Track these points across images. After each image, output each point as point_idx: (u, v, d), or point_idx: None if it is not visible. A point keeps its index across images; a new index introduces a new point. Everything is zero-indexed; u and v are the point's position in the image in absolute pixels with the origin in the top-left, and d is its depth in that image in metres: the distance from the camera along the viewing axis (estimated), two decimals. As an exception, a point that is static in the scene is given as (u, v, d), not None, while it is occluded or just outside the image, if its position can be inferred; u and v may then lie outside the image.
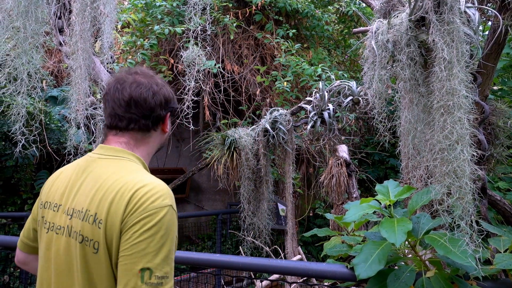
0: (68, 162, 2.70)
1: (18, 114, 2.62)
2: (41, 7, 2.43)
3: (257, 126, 3.32)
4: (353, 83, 3.04)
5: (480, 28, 1.71)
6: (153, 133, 1.15)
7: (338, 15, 6.35)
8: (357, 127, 5.41)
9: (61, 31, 3.00)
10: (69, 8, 2.89)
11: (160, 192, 0.98)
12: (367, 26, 1.94)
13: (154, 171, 6.45)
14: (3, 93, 2.63)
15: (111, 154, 1.09)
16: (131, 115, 1.10)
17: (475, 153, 1.49)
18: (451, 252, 1.36)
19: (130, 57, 4.79)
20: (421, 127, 1.71)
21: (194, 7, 2.76)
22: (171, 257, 0.95)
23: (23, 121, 2.63)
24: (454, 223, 1.45)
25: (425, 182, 1.83)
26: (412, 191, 1.69)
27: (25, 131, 2.63)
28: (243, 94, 5.31)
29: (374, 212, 1.65)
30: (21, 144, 2.62)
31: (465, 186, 1.44)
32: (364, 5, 6.22)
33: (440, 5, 1.56)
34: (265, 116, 3.31)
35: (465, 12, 1.58)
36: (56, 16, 2.95)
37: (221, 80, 5.21)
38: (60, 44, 2.99)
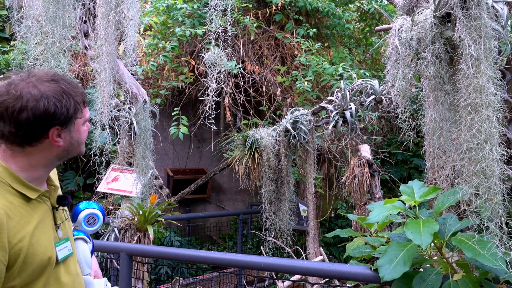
0: (94, 163, 2.79)
1: (47, 116, 2.70)
2: (68, 12, 2.50)
3: (278, 126, 3.32)
4: (375, 82, 3.00)
5: (509, 23, 1.65)
6: (32, 148, 1.01)
7: (359, 13, 6.26)
8: (379, 126, 5.32)
9: (86, 35, 3.08)
10: (94, 13, 2.96)
11: None
12: (389, 24, 1.91)
13: (175, 172, 6.55)
14: (32, 96, 2.72)
15: None
16: (1, 128, 0.97)
17: (504, 153, 1.45)
18: (480, 255, 1.32)
19: (152, 59, 4.87)
20: (447, 126, 1.67)
21: (215, 9, 2.79)
22: None
23: (51, 123, 2.71)
24: (483, 224, 1.41)
25: (451, 182, 1.79)
26: (438, 192, 1.65)
27: (53, 133, 2.70)
28: (264, 94, 5.31)
29: (399, 213, 1.62)
30: (49, 145, 2.70)
31: (494, 186, 1.39)
32: (386, 2, 6.12)
33: (466, 0, 1.52)
34: (286, 116, 3.30)
35: (493, 6, 1.54)
36: (82, 21, 3.03)
37: (242, 80, 5.22)
38: (86, 47, 3.07)
